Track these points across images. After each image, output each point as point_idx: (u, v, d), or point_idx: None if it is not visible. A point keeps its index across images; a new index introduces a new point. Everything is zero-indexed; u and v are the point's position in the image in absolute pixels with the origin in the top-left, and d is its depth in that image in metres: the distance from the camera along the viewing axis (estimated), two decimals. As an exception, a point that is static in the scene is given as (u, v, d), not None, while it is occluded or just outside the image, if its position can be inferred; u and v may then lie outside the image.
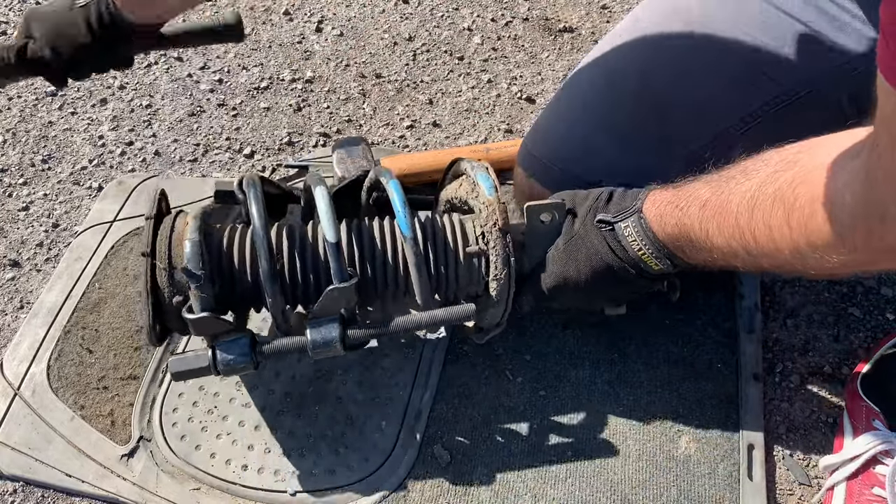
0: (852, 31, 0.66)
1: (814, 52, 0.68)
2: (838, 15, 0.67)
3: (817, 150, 0.52)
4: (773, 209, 0.52)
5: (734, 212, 0.56)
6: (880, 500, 0.67)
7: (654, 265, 0.64)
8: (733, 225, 0.56)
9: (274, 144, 1.10)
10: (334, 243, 0.64)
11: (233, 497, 0.75)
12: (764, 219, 0.53)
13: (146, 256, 0.65)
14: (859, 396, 0.73)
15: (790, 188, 0.51)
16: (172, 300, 0.65)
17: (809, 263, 0.52)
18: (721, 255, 0.59)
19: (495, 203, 0.67)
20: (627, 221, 0.64)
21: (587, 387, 0.81)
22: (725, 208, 0.56)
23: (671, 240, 0.62)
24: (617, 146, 0.77)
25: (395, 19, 1.29)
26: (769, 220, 0.52)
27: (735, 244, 0.56)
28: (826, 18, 0.67)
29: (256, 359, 0.64)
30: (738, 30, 0.71)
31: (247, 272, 0.67)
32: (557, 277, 0.69)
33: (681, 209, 0.61)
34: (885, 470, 0.68)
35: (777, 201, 0.52)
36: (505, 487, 0.74)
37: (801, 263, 0.53)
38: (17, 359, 0.85)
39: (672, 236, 0.62)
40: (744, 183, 0.56)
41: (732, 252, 0.57)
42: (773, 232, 0.52)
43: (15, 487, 0.77)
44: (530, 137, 0.86)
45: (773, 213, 0.52)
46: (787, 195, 0.51)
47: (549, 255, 0.70)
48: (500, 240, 0.66)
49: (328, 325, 0.64)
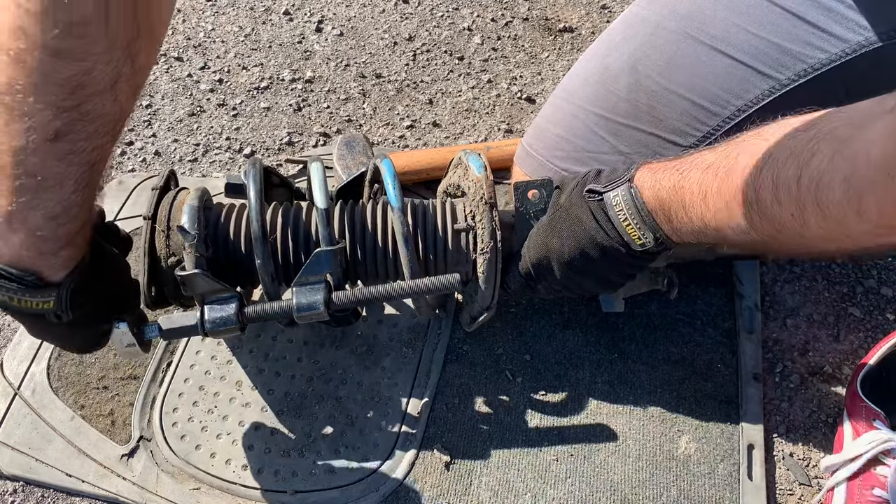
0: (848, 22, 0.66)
1: (809, 44, 0.68)
2: (833, 6, 0.67)
3: (843, 111, 0.49)
4: (784, 165, 0.50)
5: (741, 170, 0.53)
6: (881, 501, 0.67)
7: (637, 238, 0.62)
8: (737, 184, 0.53)
9: (274, 144, 1.10)
10: (324, 209, 0.67)
11: (233, 497, 0.75)
12: (773, 175, 0.51)
13: (147, 220, 0.68)
14: (860, 397, 0.73)
15: (807, 146, 0.49)
16: (167, 260, 0.68)
17: (805, 227, 0.50)
18: (714, 222, 0.57)
19: (483, 179, 0.68)
20: (617, 190, 0.63)
21: (587, 387, 0.81)
22: (732, 169, 0.54)
23: (661, 206, 0.61)
24: (612, 143, 0.77)
25: (395, 19, 1.29)
26: (777, 177, 0.50)
27: (734, 205, 0.54)
28: (821, 10, 0.67)
29: (242, 320, 0.66)
30: (731, 23, 0.71)
31: (241, 241, 0.70)
32: (540, 249, 0.69)
33: (680, 172, 0.59)
34: (886, 471, 0.67)
35: (791, 158, 0.50)
36: (505, 487, 0.74)
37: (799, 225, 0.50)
38: (17, 358, 0.85)
39: (664, 201, 0.60)
40: (757, 143, 0.54)
41: (726, 218, 0.55)
42: (779, 189, 0.50)
43: (15, 487, 0.77)
44: (529, 136, 0.86)
45: (783, 169, 0.50)
46: (804, 152, 0.49)
47: (534, 229, 0.70)
48: (486, 213, 0.67)
49: (313, 288, 0.65)
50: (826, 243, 0.52)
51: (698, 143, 0.73)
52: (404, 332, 0.85)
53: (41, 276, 0.54)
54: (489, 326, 0.85)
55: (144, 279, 0.68)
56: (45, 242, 0.53)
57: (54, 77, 0.47)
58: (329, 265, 0.67)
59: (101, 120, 0.51)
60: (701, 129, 0.73)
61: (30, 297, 0.54)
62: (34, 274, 0.54)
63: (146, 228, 0.68)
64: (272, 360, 0.84)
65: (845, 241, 0.50)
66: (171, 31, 1.28)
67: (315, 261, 0.66)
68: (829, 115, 0.50)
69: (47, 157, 0.50)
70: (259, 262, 0.67)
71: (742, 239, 0.57)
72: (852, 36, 0.66)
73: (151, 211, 0.69)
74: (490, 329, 0.85)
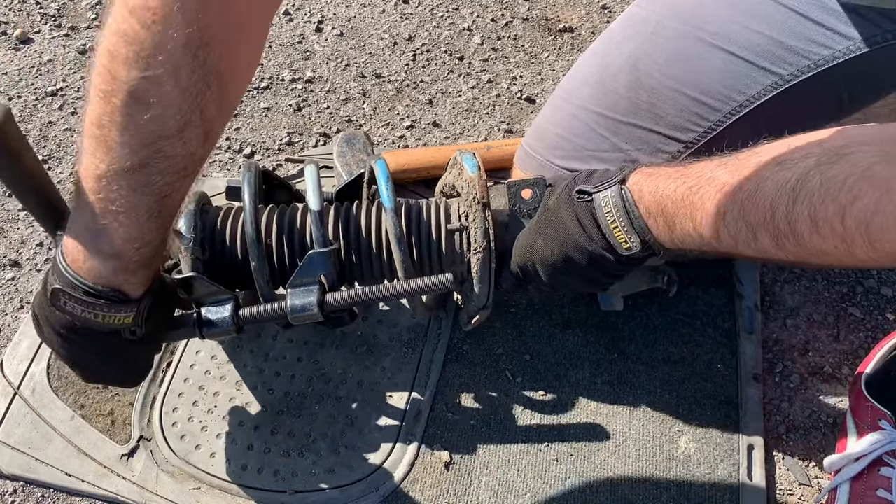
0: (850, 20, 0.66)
1: (812, 41, 0.68)
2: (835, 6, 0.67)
3: (869, 141, 0.50)
4: (821, 204, 0.50)
5: (769, 200, 0.53)
6: (885, 503, 0.66)
7: (624, 242, 0.62)
8: (766, 213, 0.53)
9: (274, 144, 1.10)
10: (317, 211, 0.67)
11: (233, 497, 0.75)
12: (810, 213, 0.51)
13: None
14: (864, 397, 0.72)
15: (845, 188, 0.49)
16: (163, 263, 0.68)
17: (849, 256, 0.50)
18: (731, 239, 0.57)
19: (476, 179, 0.68)
20: (607, 192, 0.63)
21: (587, 387, 0.81)
22: (755, 196, 0.54)
23: (664, 213, 0.60)
24: (612, 140, 0.77)
25: (395, 19, 1.29)
26: (815, 215, 0.50)
27: (762, 233, 0.54)
28: (823, 8, 0.67)
29: (238, 322, 0.66)
30: (732, 20, 0.71)
31: (237, 244, 0.71)
32: (525, 251, 0.69)
33: (690, 187, 0.58)
34: (890, 472, 0.67)
35: (828, 197, 0.50)
36: (505, 487, 0.74)
37: (841, 254, 0.51)
38: (17, 358, 0.85)
39: (668, 210, 0.60)
40: (780, 172, 0.54)
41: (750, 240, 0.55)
42: (820, 226, 0.50)
43: (15, 487, 0.77)
44: (528, 137, 0.86)
45: (821, 208, 0.50)
46: (842, 195, 0.49)
47: (522, 230, 0.70)
48: (479, 213, 0.67)
49: (307, 290, 0.66)
50: (871, 266, 0.53)
51: (699, 139, 0.73)
52: (404, 332, 0.85)
53: (124, 293, 0.59)
54: (489, 326, 0.85)
55: None
56: (126, 263, 0.58)
57: (133, 118, 0.53)
58: (323, 267, 0.67)
59: (172, 160, 0.56)
60: (702, 125, 0.73)
61: (114, 312, 0.58)
62: (118, 291, 0.58)
63: None
64: (272, 360, 0.84)
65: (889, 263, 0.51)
66: (172, 31, 1.28)
67: (308, 262, 0.67)
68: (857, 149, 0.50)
69: (123, 186, 0.55)
70: (254, 265, 0.67)
71: (758, 256, 0.57)
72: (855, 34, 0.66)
73: None
74: (490, 329, 0.85)
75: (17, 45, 1.25)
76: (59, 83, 1.19)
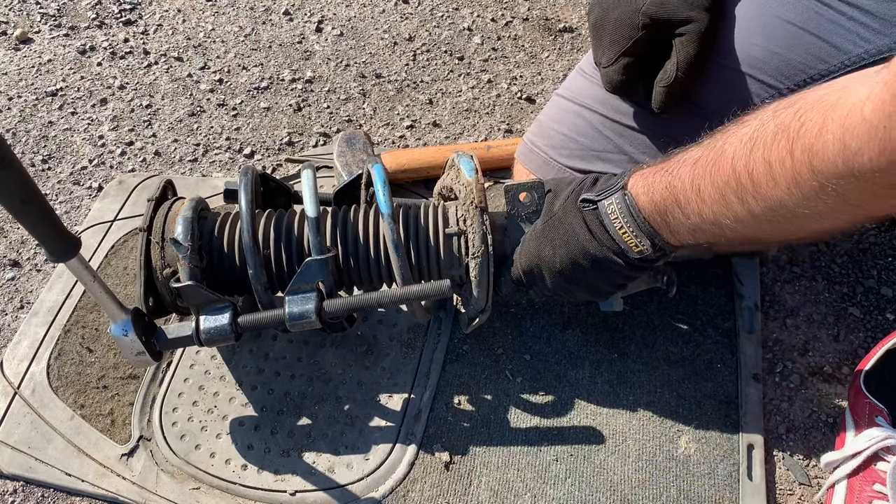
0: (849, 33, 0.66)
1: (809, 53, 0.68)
2: (834, 17, 0.67)
3: (821, 87, 0.49)
4: (774, 143, 0.50)
5: (730, 157, 0.54)
6: (881, 497, 0.67)
7: (635, 245, 0.62)
8: (728, 172, 0.53)
9: (274, 144, 1.10)
10: (314, 218, 0.67)
11: (233, 497, 0.75)
12: (764, 155, 0.51)
13: (143, 232, 0.69)
14: (863, 393, 0.73)
15: (795, 118, 0.49)
16: (162, 272, 0.69)
17: (804, 202, 0.49)
18: (711, 214, 0.57)
19: (473, 183, 0.68)
20: (611, 199, 0.63)
21: (587, 387, 0.81)
22: (720, 158, 0.55)
23: (657, 209, 0.61)
24: (616, 142, 0.77)
25: (395, 19, 1.29)
26: (769, 156, 0.50)
27: (729, 193, 0.54)
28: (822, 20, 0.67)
29: (236, 330, 0.67)
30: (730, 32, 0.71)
31: (234, 251, 0.71)
32: (532, 257, 0.69)
33: (670, 172, 0.59)
34: (886, 466, 0.67)
35: (780, 133, 0.50)
36: (505, 487, 0.74)
37: (796, 202, 0.50)
38: (17, 358, 0.85)
39: (659, 204, 0.60)
40: (740, 129, 0.54)
41: (723, 208, 0.55)
42: (773, 167, 0.50)
43: (15, 487, 0.77)
44: (531, 133, 0.86)
45: (773, 147, 0.50)
46: (792, 125, 0.49)
47: (526, 235, 0.70)
48: (477, 217, 0.67)
49: (305, 297, 0.66)
50: (826, 220, 0.51)
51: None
52: (404, 333, 0.85)
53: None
54: (489, 326, 0.85)
55: (141, 291, 0.69)
56: None
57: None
58: (320, 273, 0.67)
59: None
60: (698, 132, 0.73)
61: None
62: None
63: (142, 241, 0.69)
64: (272, 360, 0.84)
65: (845, 212, 0.49)
66: (171, 31, 1.28)
67: (306, 269, 0.67)
68: (809, 91, 0.50)
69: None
70: (251, 272, 0.67)
71: (739, 230, 0.57)
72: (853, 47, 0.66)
73: (147, 223, 0.70)
74: (490, 329, 0.85)
75: (17, 45, 1.25)
76: (59, 83, 1.19)
